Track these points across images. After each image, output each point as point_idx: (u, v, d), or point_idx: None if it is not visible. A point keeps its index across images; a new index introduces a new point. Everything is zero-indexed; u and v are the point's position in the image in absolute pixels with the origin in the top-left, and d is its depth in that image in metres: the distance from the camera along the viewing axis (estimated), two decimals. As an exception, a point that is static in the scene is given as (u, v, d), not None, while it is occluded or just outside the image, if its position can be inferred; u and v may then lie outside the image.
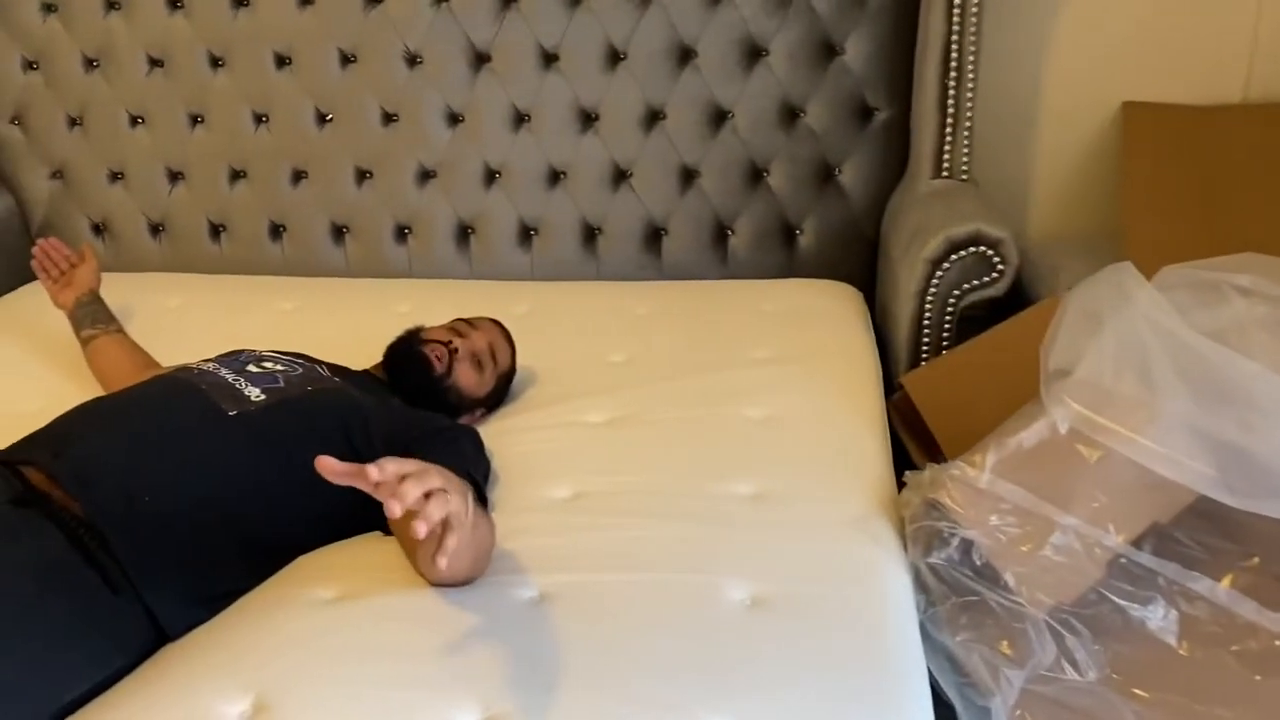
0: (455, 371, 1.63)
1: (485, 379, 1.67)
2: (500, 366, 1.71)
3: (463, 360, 1.64)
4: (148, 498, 1.29)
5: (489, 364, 1.68)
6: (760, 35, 2.16)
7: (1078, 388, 1.30)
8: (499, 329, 1.75)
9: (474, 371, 1.65)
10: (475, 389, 1.66)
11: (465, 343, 1.66)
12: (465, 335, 1.68)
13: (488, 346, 1.68)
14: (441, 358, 1.62)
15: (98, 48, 2.32)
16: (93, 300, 1.95)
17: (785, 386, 1.73)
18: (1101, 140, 2.28)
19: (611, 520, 1.40)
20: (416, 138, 2.30)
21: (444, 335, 1.66)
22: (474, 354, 1.66)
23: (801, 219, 2.27)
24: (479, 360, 1.66)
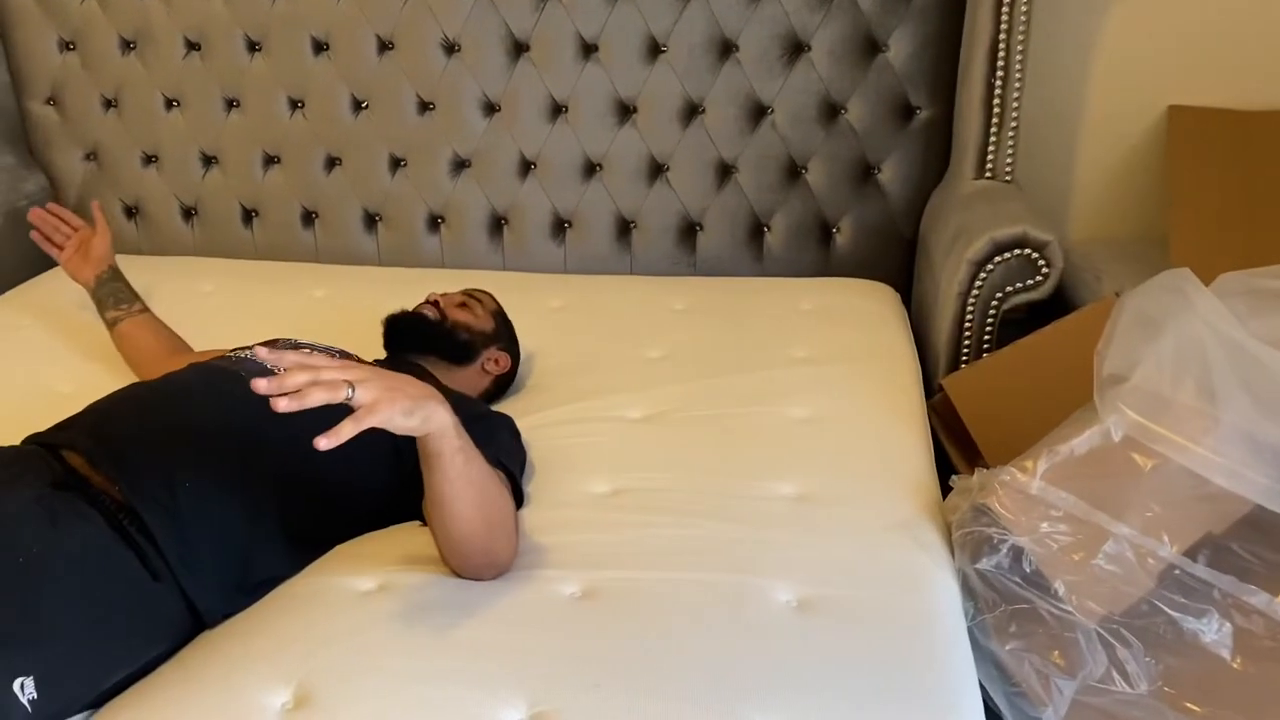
0: (449, 315, 1.70)
1: (481, 314, 1.74)
2: (487, 305, 1.78)
3: (450, 306, 1.71)
4: (188, 484, 1.28)
5: (474, 303, 1.75)
6: (802, 30, 2.14)
7: (1133, 394, 1.28)
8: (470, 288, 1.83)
9: (466, 311, 1.72)
10: (478, 323, 1.73)
11: (445, 297, 1.75)
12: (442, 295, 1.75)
13: (461, 294, 1.77)
14: (432, 311, 1.69)
15: (135, 29, 2.31)
16: (113, 276, 1.91)
17: (825, 386, 1.71)
18: (1146, 144, 2.25)
19: (652, 518, 1.38)
20: (452, 126, 2.28)
21: (424, 299, 1.74)
22: (455, 302, 1.73)
23: (839, 217, 2.25)
24: (464, 303, 1.74)
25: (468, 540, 1.23)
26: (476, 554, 1.24)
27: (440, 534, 1.24)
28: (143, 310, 1.88)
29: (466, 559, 1.25)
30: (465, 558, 1.25)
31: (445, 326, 1.68)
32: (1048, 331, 1.76)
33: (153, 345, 1.81)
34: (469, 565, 1.25)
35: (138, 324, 1.85)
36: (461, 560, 1.25)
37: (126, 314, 1.86)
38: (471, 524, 1.21)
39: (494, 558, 1.26)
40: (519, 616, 1.20)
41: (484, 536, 1.24)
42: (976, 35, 2.00)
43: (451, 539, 1.23)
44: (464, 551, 1.24)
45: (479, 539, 1.23)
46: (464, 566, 1.26)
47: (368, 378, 1.08)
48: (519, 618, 1.20)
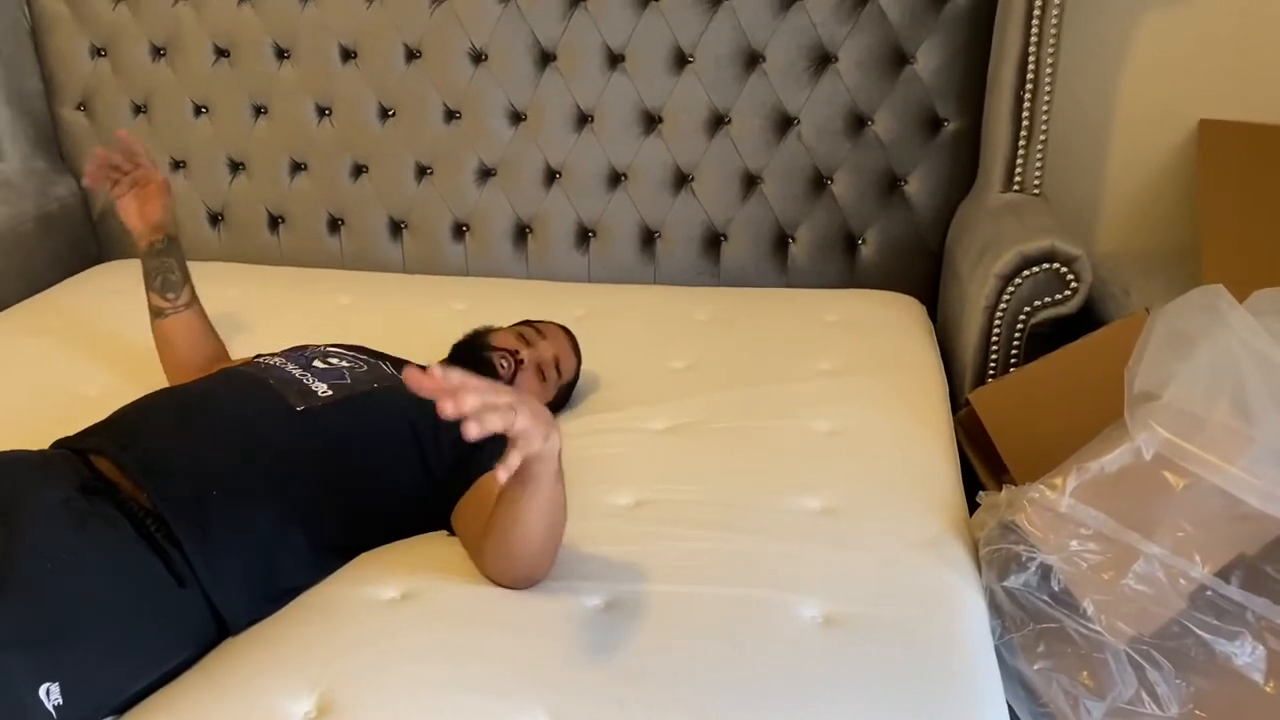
0: (519, 383, 1.60)
1: (547, 390, 1.65)
2: (564, 378, 1.68)
3: (528, 370, 1.61)
4: (215, 491, 1.28)
5: (552, 375, 1.65)
6: (830, 42, 2.13)
7: (1165, 412, 1.26)
8: (567, 338, 1.72)
9: (537, 383, 1.62)
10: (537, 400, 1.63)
11: (532, 353, 1.63)
12: (533, 344, 1.64)
13: (553, 358, 1.65)
14: (507, 366, 1.59)
15: (165, 36, 2.33)
16: (166, 248, 1.72)
17: (851, 399, 1.70)
18: (1176, 158, 2.23)
19: (677, 530, 1.38)
20: (478, 135, 2.29)
21: (512, 343, 1.63)
22: (539, 365, 1.63)
23: (864, 229, 2.24)
24: (543, 371, 1.63)
25: (529, 557, 1.23)
26: (529, 568, 1.25)
27: (500, 547, 1.23)
28: (189, 304, 1.75)
29: (515, 572, 1.25)
30: (515, 571, 1.24)
31: None
32: (1076, 346, 1.74)
33: (189, 353, 1.73)
34: (514, 577, 1.25)
35: (181, 324, 1.74)
36: (509, 573, 1.25)
37: (171, 308, 1.73)
38: (541, 542, 1.22)
39: (541, 572, 1.26)
40: (542, 627, 1.20)
41: (543, 554, 1.25)
42: (1006, 47, 1.98)
43: (513, 554, 1.23)
44: (518, 566, 1.24)
45: (538, 556, 1.24)
46: (508, 577, 1.26)
47: (522, 403, 1.07)
48: (542, 628, 1.20)
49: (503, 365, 1.60)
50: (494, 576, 1.26)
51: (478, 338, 1.66)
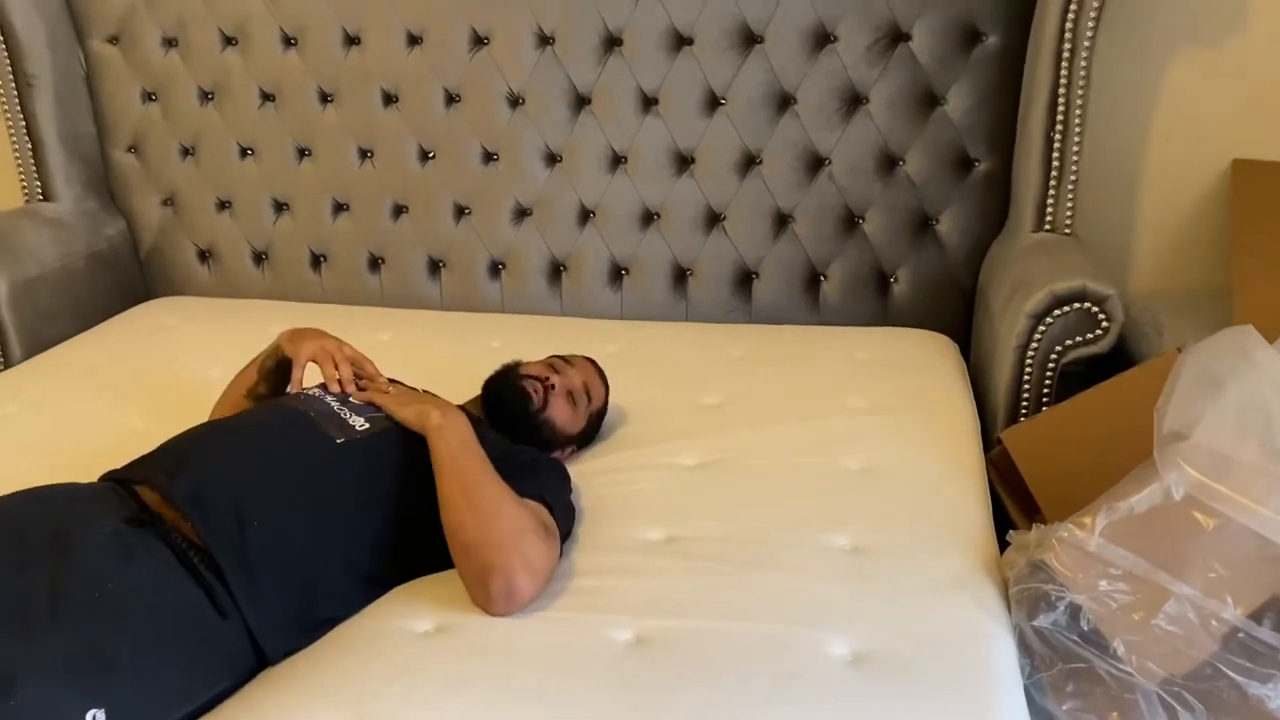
0: (551, 406, 1.64)
1: (579, 415, 1.68)
2: (594, 404, 1.72)
3: (559, 396, 1.65)
4: (257, 523, 1.31)
5: (583, 401, 1.69)
6: (861, 84, 2.16)
7: (1195, 453, 1.26)
8: (594, 367, 1.76)
9: (568, 407, 1.66)
10: (569, 425, 1.67)
11: (561, 379, 1.67)
12: (561, 372, 1.69)
13: (583, 384, 1.69)
14: (538, 392, 1.64)
15: (214, 81, 2.40)
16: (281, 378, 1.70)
17: (882, 437, 1.71)
18: (1209, 197, 2.23)
19: (707, 566, 1.39)
20: (515, 176, 2.34)
21: (541, 371, 1.68)
22: (569, 390, 1.67)
23: (896, 267, 2.26)
24: (574, 397, 1.67)
25: (457, 532, 1.30)
26: (472, 555, 1.29)
27: (451, 545, 1.31)
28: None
29: (463, 560, 1.30)
30: (462, 558, 1.30)
31: (537, 419, 1.62)
32: (1109, 386, 1.74)
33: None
34: (469, 569, 1.30)
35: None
36: (468, 571, 1.30)
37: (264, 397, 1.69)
38: (466, 517, 1.30)
39: (491, 567, 1.28)
40: (572, 661, 1.22)
41: (476, 529, 1.29)
42: (1035, 89, 2.00)
43: (454, 543, 1.31)
44: (458, 549, 1.30)
45: (469, 532, 1.29)
46: (465, 571, 1.30)
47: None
48: (572, 662, 1.22)
49: (534, 391, 1.64)
50: (468, 587, 1.30)
51: (508, 370, 1.70)
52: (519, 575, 1.28)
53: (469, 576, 1.31)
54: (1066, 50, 1.94)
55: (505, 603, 1.28)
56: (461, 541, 1.31)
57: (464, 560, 1.31)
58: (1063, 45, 1.94)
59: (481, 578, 1.29)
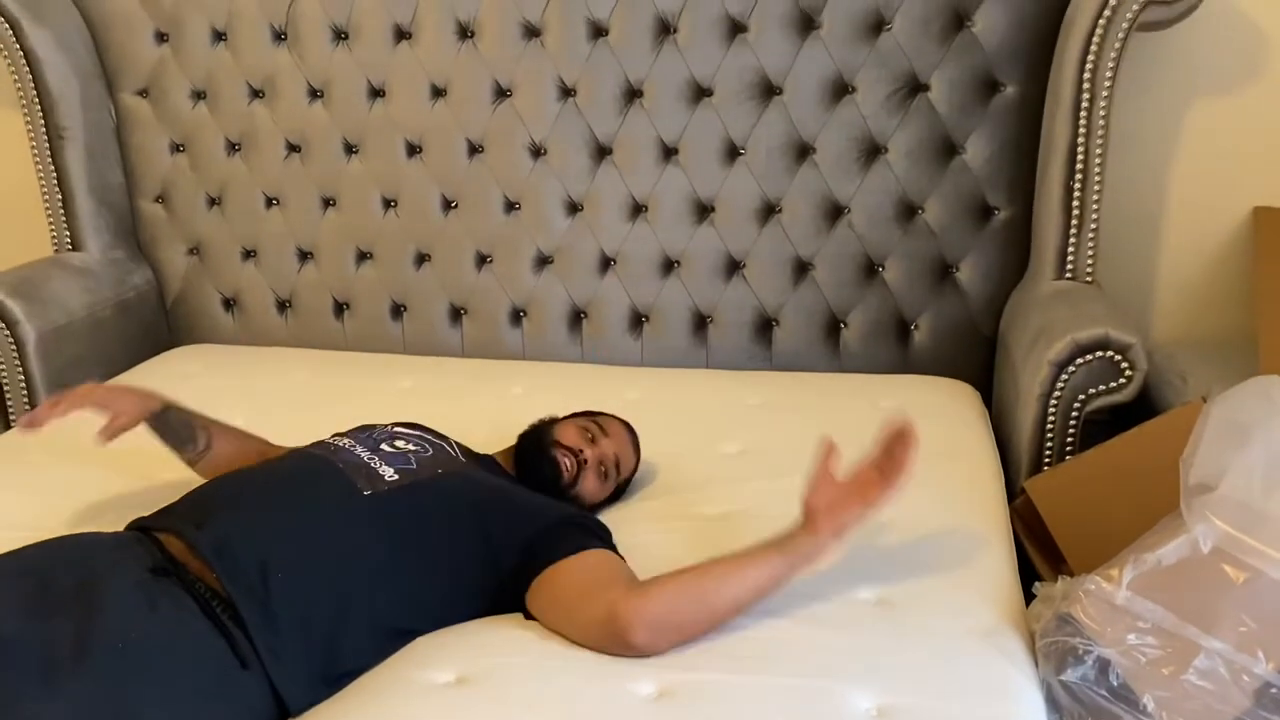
0: (582, 482, 1.64)
1: (607, 487, 1.68)
2: (623, 474, 1.71)
3: (590, 470, 1.64)
4: (281, 574, 1.32)
5: (613, 473, 1.68)
6: (880, 133, 2.18)
7: (1222, 504, 1.25)
8: (628, 435, 1.75)
9: (599, 481, 1.66)
10: (596, 496, 1.67)
11: (595, 451, 1.66)
12: (596, 442, 1.67)
13: (615, 457, 1.68)
14: (570, 468, 1.63)
15: (241, 132, 2.44)
16: (160, 423, 1.66)
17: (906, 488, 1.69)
18: (1231, 245, 2.23)
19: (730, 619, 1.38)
20: (536, 225, 2.36)
21: (576, 440, 1.65)
22: (601, 463, 1.66)
23: (917, 315, 2.26)
24: (605, 470, 1.67)
25: (712, 617, 1.34)
26: (692, 629, 1.33)
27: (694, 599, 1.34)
28: (209, 444, 1.68)
29: (672, 625, 1.32)
30: (673, 623, 1.32)
31: (567, 494, 1.62)
32: (1134, 434, 1.73)
33: (235, 466, 1.64)
34: (667, 630, 1.32)
35: (214, 460, 1.68)
36: (666, 623, 1.32)
37: (197, 454, 1.68)
38: (733, 613, 1.35)
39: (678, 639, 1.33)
40: (593, 714, 1.21)
41: (714, 623, 1.34)
42: (1055, 138, 2.01)
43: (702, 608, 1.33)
44: (689, 624, 1.33)
45: (713, 622, 1.34)
46: (654, 630, 1.31)
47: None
48: (593, 716, 1.21)
49: (567, 466, 1.63)
50: (642, 632, 1.29)
51: (543, 433, 1.69)
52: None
53: (653, 623, 1.31)
54: (1085, 100, 1.95)
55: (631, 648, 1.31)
56: (701, 611, 1.33)
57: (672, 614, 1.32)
58: (1081, 95, 1.95)
59: (654, 636, 1.30)
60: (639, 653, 1.30)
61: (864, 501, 1.36)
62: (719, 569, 1.37)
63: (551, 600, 1.39)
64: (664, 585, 1.35)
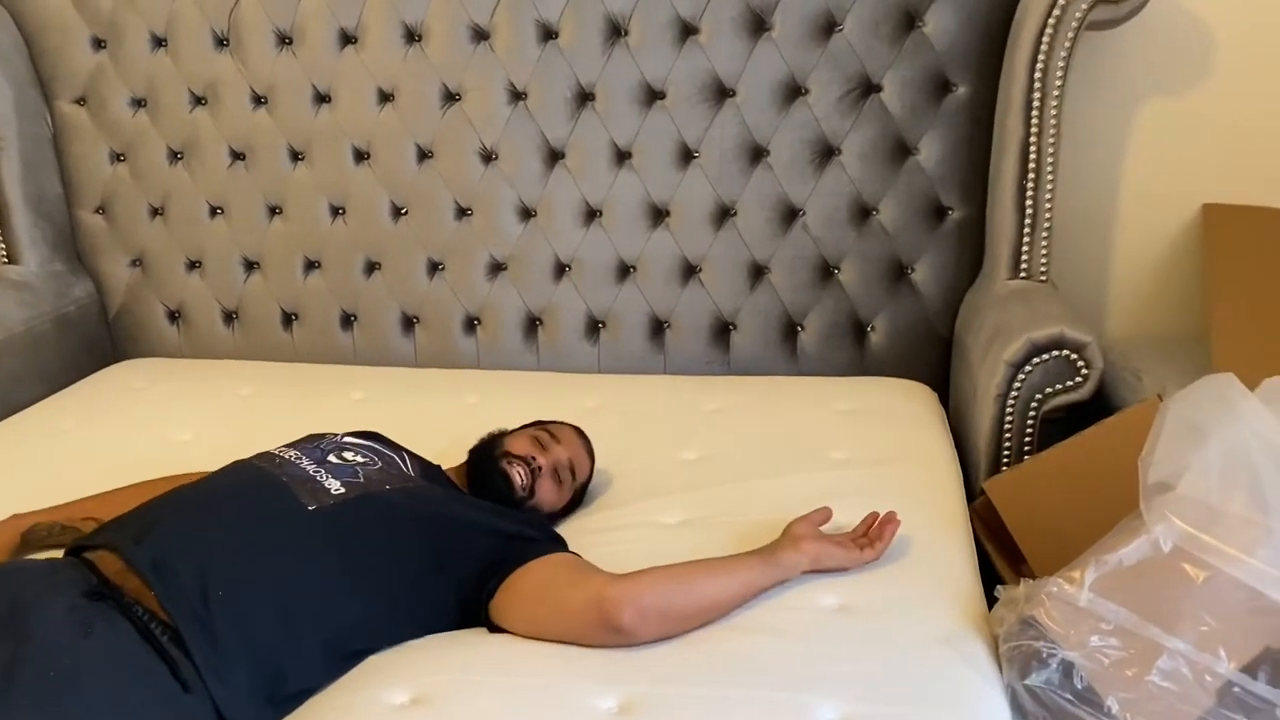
0: (537, 491, 1.60)
1: (564, 492, 1.65)
2: (579, 479, 1.68)
3: (545, 477, 1.61)
4: (222, 592, 1.27)
5: (569, 479, 1.65)
6: (833, 135, 2.17)
7: (1181, 503, 1.25)
8: (580, 440, 1.72)
9: (555, 487, 1.63)
10: (554, 504, 1.64)
11: (548, 458, 1.63)
12: (548, 448, 1.64)
13: (569, 461, 1.65)
14: (524, 476, 1.59)
15: (183, 140, 2.38)
16: (30, 534, 1.53)
17: (865, 491, 1.69)
18: (1182, 242, 2.25)
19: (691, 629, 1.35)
20: (489, 231, 2.32)
21: (527, 448, 1.63)
22: (555, 470, 1.63)
23: (873, 316, 2.25)
24: (559, 475, 1.63)
25: (697, 616, 1.35)
26: (676, 624, 1.34)
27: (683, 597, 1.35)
28: (77, 535, 1.49)
29: (664, 618, 1.33)
30: (666, 616, 1.33)
31: (523, 505, 1.59)
32: (1091, 433, 1.73)
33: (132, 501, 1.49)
34: (655, 621, 1.32)
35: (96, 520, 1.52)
36: (657, 614, 1.32)
37: (74, 532, 1.53)
38: (715, 613, 1.37)
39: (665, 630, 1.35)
40: (554, 734, 1.18)
41: (697, 620, 1.36)
42: (1007, 138, 2.02)
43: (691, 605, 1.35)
44: (678, 618, 1.34)
45: (697, 619, 1.36)
46: (643, 619, 1.31)
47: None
48: (554, 735, 1.18)
49: (520, 475, 1.60)
50: (630, 612, 1.30)
51: (493, 445, 1.65)
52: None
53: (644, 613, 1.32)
54: (1036, 99, 1.96)
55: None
56: (692, 608, 1.35)
57: (664, 605, 1.33)
58: (1032, 94, 1.95)
59: (640, 623, 1.31)
60: (624, 636, 1.29)
61: (843, 549, 1.46)
62: (705, 564, 1.40)
63: (528, 596, 1.37)
64: (651, 572, 1.37)
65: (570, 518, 1.68)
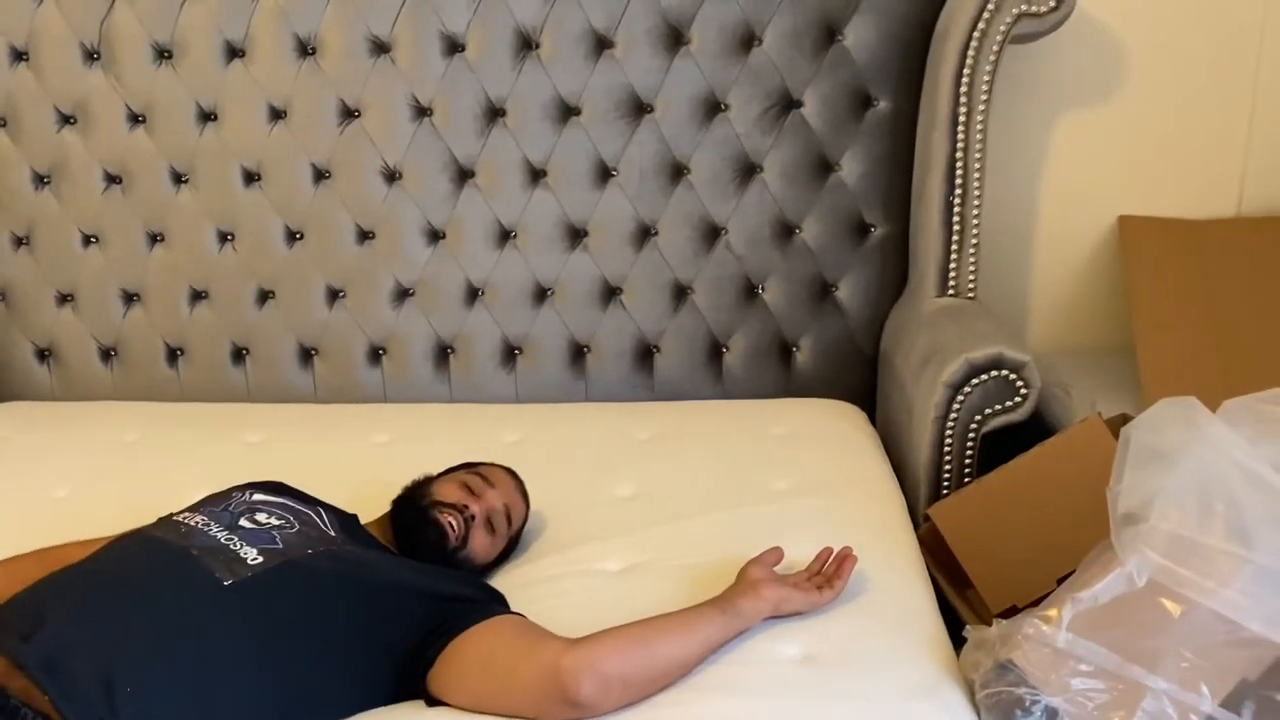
0: (471, 541, 1.48)
1: (498, 542, 1.53)
2: (514, 526, 1.57)
3: (478, 527, 1.49)
4: (130, 689, 1.12)
5: (503, 526, 1.53)
6: (754, 152, 2.10)
7: (1154, 535, 1.21)
8: (514, 483, 1.61)
9: (488, 537, 1.51)
10: (488, 554, 1.52)
11: (480, 505, 1.50)
12: (480, 494, 1.52)
13: (504, 507, 1.53)
14: (457, 526, 1.47)
15: (50, 164, 2.17)
16: None
17: (812, 524, 1.61)
18: (1100, 254, 2.26)
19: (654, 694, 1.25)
20: (393, 255, 2.18)
21: (458, 495, 1.50)
22: (490, 518, 1.51)
23: (798, 336, 2.19)
24: (493, 523, 1.51)
25: (659, 679, 1.25)
26: (639, 690, 1.25)
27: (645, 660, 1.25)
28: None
29: (625, 687, 1.23)
30: (627, 685, 1.23)
31: (455, 557, 1.46)
32: (1033, 455, 1.70)
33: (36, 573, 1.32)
34: (616, 692, 1.23)
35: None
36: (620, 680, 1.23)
37: None
38: (676, 672, 1.26)
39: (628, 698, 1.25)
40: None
41: (662, 682, 1.26)
42: (932, 154, 1.98)
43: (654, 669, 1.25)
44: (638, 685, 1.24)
45: (660, 682, 1.26)
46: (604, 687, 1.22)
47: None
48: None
49: (453, 526, 1.47)
50: (590, 682, 1.19)
51: (420, 493, 1.52)
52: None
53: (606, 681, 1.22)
54: (963, 113, 1.93)
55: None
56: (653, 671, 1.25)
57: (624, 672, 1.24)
58: (958, 109, 1.92)
59: (600, 696, 1.21)
60: (583, 710, 1.19)
61: (802, 592, 1.38)
62: (662, 623, 1.30)
63: (470, 666, 1.25)
64: (608, 636, 1.27)
65: (503, 568, 1.56)
